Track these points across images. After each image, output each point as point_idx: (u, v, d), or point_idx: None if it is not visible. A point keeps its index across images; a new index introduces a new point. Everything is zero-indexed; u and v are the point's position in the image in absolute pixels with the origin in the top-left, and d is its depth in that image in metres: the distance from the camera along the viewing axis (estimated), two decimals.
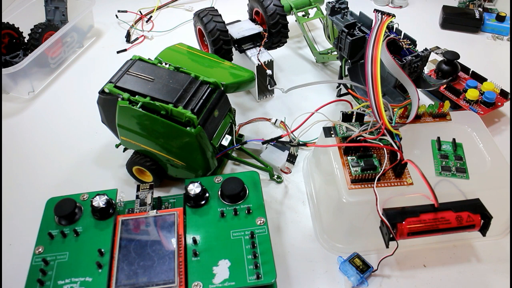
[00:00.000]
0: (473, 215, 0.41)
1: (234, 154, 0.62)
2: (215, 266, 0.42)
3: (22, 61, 0.71)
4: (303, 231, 0.53)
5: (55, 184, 0.60)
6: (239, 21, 0.74)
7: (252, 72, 0.59)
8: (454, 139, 0.50)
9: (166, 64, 0.56)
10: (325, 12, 0.72)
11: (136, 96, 0.51)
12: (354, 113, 0.50)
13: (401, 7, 0.96)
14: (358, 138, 0.47)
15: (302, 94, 0.72)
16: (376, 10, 0.58)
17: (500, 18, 0.86)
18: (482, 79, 0.69)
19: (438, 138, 0.51)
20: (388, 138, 0.46)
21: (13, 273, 0.50)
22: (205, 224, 0.46)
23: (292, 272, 0.49)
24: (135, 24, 0.92)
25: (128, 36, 0.89)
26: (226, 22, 0.67)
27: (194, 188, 0.47)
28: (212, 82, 0.54)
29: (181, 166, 0.54)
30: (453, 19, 0.87)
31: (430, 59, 0.64)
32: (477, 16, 0.86)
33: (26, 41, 0.80)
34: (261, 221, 0.46)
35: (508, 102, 0.66)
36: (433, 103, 0.54)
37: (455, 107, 0.66)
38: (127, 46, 0.87)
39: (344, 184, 0.46)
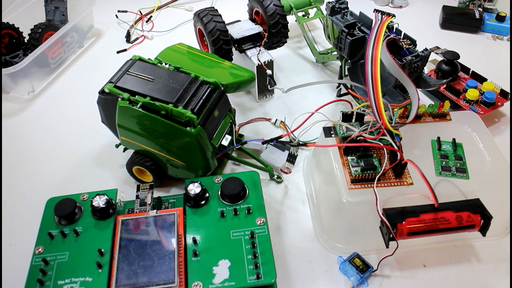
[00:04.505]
0: (473, 215, 0.41)
1: (234, 154, 0.62)
2: (215, 266, 0.42)
3: (22, 61, 0.71)
4: (303, 231, 0.53)
5: (55, 184, 0.60)
6: (239, 21, 0.74)
7: (252, 72, 0.59)
8: (454, 139, 0.50)
9: (166, 64, 0.56)
10: (325, 12, 0.72)
11: (136, 96, 0.51)
12: (354, 113, 0.50)
13: (401, 7, 0.96)
14: (358, 138, 0.47)
15: (302, 94, 0.72)
16: (376, 10, 0.58)
17: (500, 18, 0.86)
18: (482, 79, 0.69)
19: (438, 138, 0.51)
20: (388, 138, 0.46)
21: (13, 273, 0.50)
22: (205, 224, 0.46)
23: (292, 272, 0.49)
24: (135, 24, 0.92)
25: (128, 36, 0.89)
26: (226, 22, 0.67)
27: (194, 188, 0.47)
28: (212, 82, 0.54)
29: (181, 166, 0.54)
30: (453, 19, 0.87)
31: (430, 59, 0.64)
32: (477, 16, 0.86)
33: (26, 41, 0.80)
34: (261, 221, 0.46)
35: (508, 102, 0.66)
36: (433, 103, 0.54)
37: (455, 107, 0.66)
38: (127, 46, 0.87)
39: (344, 184, 0.46)
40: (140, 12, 0.94)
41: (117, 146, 0.59)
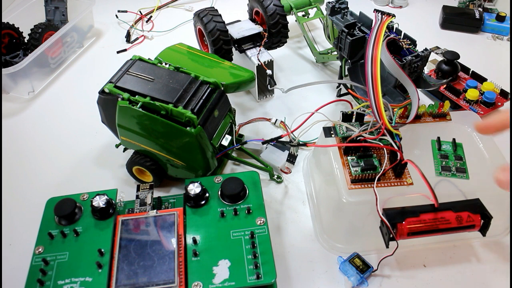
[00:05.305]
0: (473, 215, 0.41)
1: (234, 154, 0.62)
2: (215, 266, 0.42)
3: (22, 61, 0.71)
4: (303, 231, 0.53)
5: (55, 184, 0.60)
6: (239, 21, 0.74)
7: (252, 72, 0.59)
8: (454, 139, 0.50)
9: (166, 64, 0.56)
10: (325, 12, 0.72)
11: (136, 96, 0.51)
12: (354, 113, 0.50)
13: (401, 7, 0.96)
14: (358, 138, 0.47)
15: (302, 94, 0.72)
16: (376, 10, 0.58)
17: (500, 18, 0.86)
18: (482, 79, 0.69)
19: (438, 138, 0.51)
20: (388, 138, 0.46)
21: (13, 273, 0.50)
22: (205, 224, 0.46)
23: (292, 272, 0.49)
24: (135, 24, 0.92)
25: (128, 36, 0.89)
26: (226, 22, 0.67)
27: (194, 188, 0.47)
28: (212, 82, 0.54)
29: (181, 166, 0.54)
30: (453, 19, 0.87)
31: (430, 59, 0.64)
32: (477, 16, 0.86)
33: (26, 41, 0.80)
34: (261, 221, 0.46)
35: (508, 102, 0.66)
36: (433, 103, 0.54)
37: (455, 107, 0.66)
38: (127, 46, 0.87)
39: (344, 184, 0.46)
40: (140, 12, 0.94)
41: (117, 146, 0.59)
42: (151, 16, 0.95)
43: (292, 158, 0.58)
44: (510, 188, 0.38)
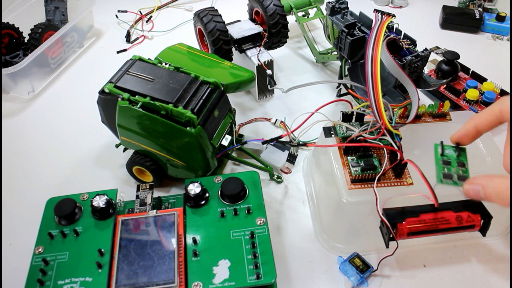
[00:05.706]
0: (473, 215, 0.41)
1: (234, 154, 0.62)
2: (215, 266, 0.42)
3: (22, 61, 0.71)
4: (303, 231, 0.53)
5: (55, 184, 0.60)
6: (239, 21, 0.74)
7: (252, 72, 0.59)
8: (457, 144, 0.50)
9: (166, 64, 0.56)
10: (325, 12, 0.72)
11: (136, 96, 0.51)
12: (354, 113, 0.50)
13: (401, 7, 0.96)
14: (358, 138, 0.47)
15: (302, 94, 0.72)
16: (376, 10, 0.58)
17: (500, 18, 0.86)
18: (482, 79, 0.69)
19: (441, 142, 0.50)
20: (388, 138, 0.46)
21: (13, 273, 0.50)
22: (205, 224, 0.46)
23: (292, 272, 0.49)
24: (135, 24, 0.92)
25: (128, 36, 0.89)
26: (226, 22, 0.67)
27: (194, 188, 0.47)
28: (212, 82, 0.54)
29: (181, 166, 0.54)
30: (453, 19, 0.87)
31: (430, 59, 0.64)
32: (477, 16, 0.86)
33: (26, 41, 0.80)
34: (261, 221, 0.46)
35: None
36: (433, 103, 0.54)
37: (455, 107, 0.66)
38: (127, 46, 0.87)
39: (344, 184, 0.46)
40: (140, 12, 0.94)
41: (117, 146, 0.59)
42: (151, 16, 0.95)
43: (292, 158, 0.58)
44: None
